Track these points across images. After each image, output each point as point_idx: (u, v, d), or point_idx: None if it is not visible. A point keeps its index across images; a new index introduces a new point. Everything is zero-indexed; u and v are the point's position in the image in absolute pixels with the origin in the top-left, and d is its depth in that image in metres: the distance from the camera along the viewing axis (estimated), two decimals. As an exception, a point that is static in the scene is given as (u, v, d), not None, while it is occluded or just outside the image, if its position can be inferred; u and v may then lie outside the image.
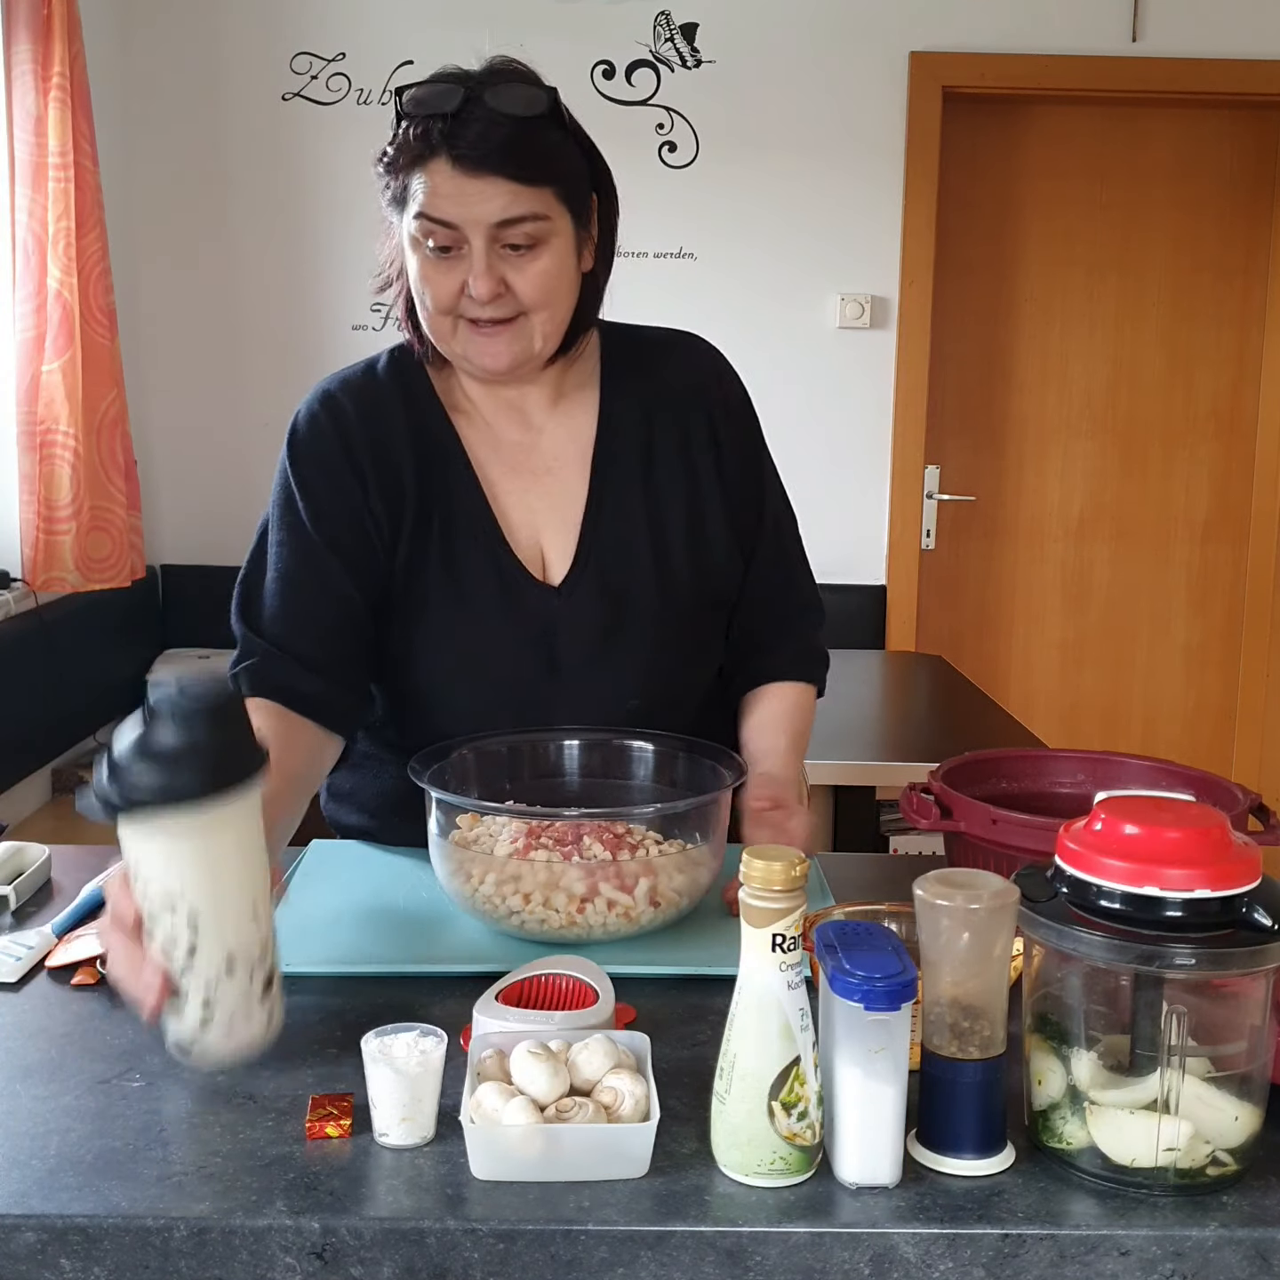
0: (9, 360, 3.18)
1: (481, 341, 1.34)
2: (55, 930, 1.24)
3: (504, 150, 1.27)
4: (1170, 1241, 0.84)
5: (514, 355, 1.35)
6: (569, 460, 1.45)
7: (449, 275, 1.31)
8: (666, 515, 1.44)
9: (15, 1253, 0.84)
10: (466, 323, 1.33)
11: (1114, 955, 0.86)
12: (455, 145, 1.27)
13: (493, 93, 1.29)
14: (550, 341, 1.37)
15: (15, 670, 3.13)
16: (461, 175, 1.27)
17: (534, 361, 1.38)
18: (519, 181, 1.28)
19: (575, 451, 1.45)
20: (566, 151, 1.34)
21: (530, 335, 1.34)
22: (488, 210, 1.28)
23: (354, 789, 1.55)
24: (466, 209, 1.28)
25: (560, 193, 1.31)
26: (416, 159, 1.31)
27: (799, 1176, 0.88)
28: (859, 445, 4.01)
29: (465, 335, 1.34)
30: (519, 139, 1.28)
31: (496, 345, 1.34)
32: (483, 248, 1.29)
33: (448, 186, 1.28)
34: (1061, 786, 1.42)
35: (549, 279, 1.32)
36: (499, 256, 1.30)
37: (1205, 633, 4.29)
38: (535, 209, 1.29)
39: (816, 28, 3.85)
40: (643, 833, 1.26)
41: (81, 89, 3.22)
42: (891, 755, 2.56)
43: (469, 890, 1.22)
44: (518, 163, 1.28)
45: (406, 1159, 0.90)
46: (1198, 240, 4.11)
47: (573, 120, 1.35)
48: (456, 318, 1.33)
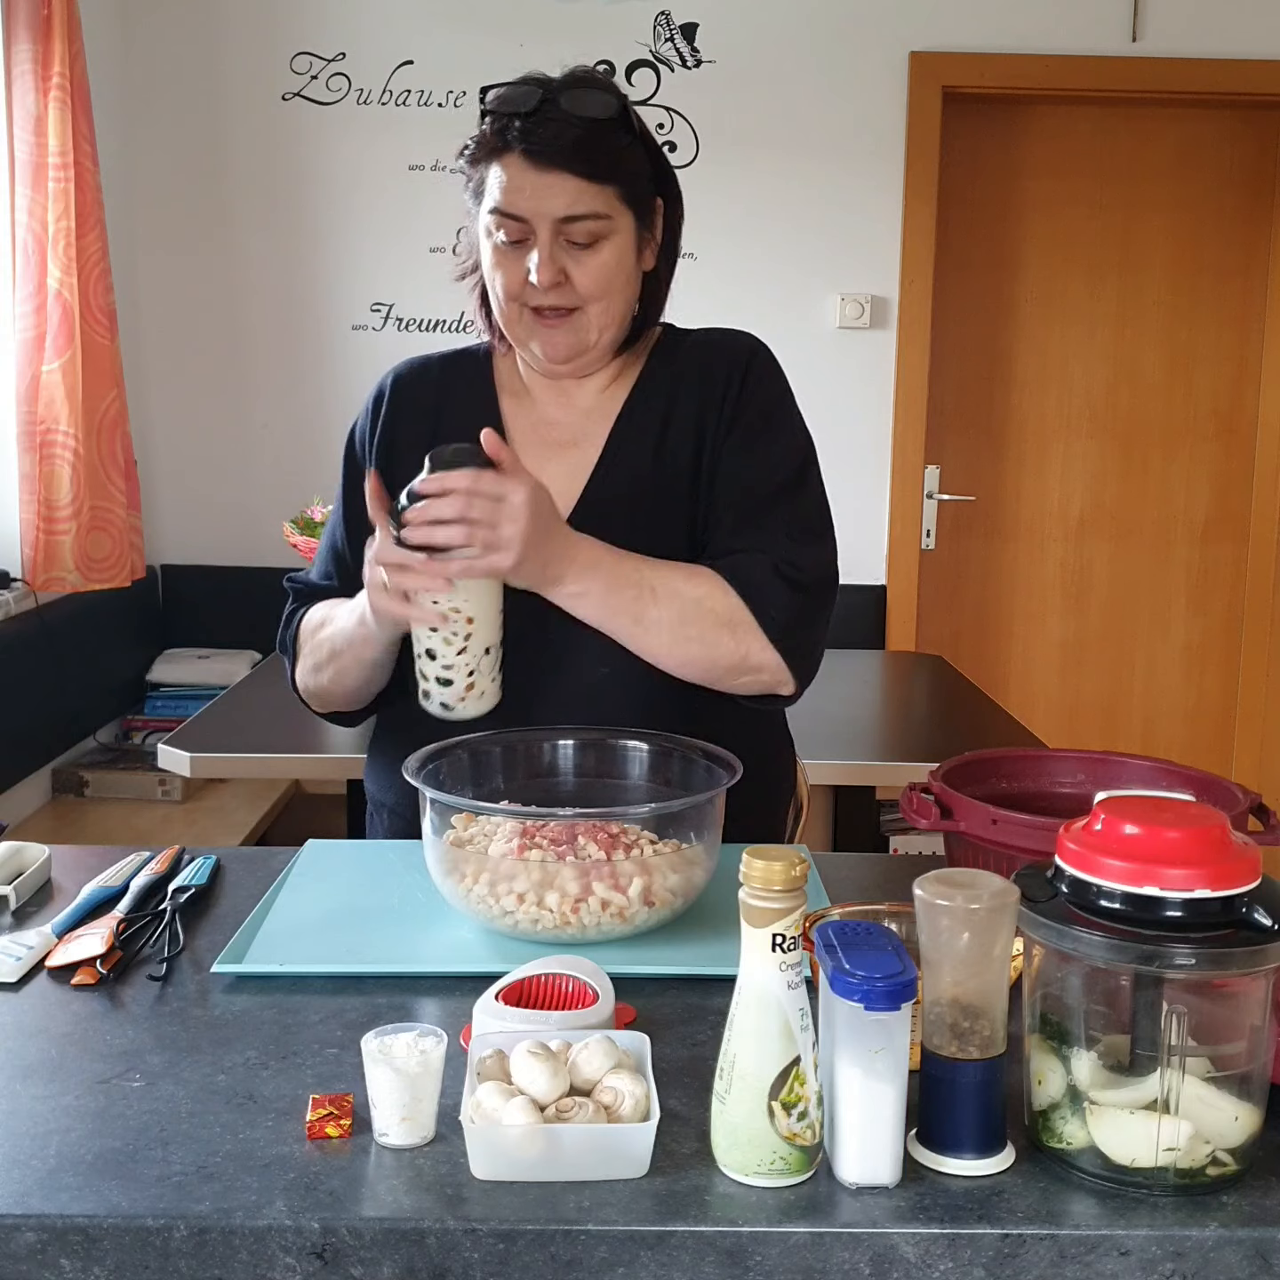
0: (9, 360, 3.18)
1: (543, 331, 1.45)
2: (55, 930, 1.24)
3: (573, 149, 1.38)
4: (1170, 1241, 0.84)
5: (570, 346, 1.46)
6: (590, 438, 1.52)
7: (517, 264, 1.42)
8: (668, 493, 1.49)
9: (15, 1253, 0.84)
10: (530, 311, 1.44)
11: (1114, 955, 0.86)
12: (528, 142, 1.38)
13: (568, 96, 1.39)
14: (606, 334, 1.47)
15: (15, 670, 3.14)
16: (532, 169, 1.39)
17: (590, 353, 1.48)
18: (585, 178, 1.39)
19: (599, 431, 1.52)
20: (633, 154, 1.45)
21: (587, 328, 1.45)
22: (554, 205, 1.39)
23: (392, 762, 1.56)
24: (535, 202, 1.39)
25: (623, 193, 1.42)
26: (492, 153, 1.42)
27: (799, 1176, 0.88)
28: (859, 445, 4.01)
29: (529, 323, 1.45)
30: (587, 139, 1.39)
31: (555, 336, 1.45)
32: (547, 239, 1.39)
33: (519, 180, 1.39)
34: (1061, 786, 1.42)
35: (606, 272, 1.42)
36: (561, 249, 1.40)
37: (1205, 632, 4.29)
38: (598, 208, 1.40)
39: (816, 28, 3.85)
40: (637, 832, 1.26)
41: (81, 89, 3.23)
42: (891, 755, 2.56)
43: (463, 890, 1.22)
44: (585, 161, 1.38)
45: (406, 1159, 0.90)
46: (1198, 240, 4.11)
47: (642, 125, 1.46)
48: (522, 305, 1.44)
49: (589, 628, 1.43)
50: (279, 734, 2.57)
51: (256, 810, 3.33)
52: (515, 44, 3.77)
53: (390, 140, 3.86)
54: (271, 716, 2.70)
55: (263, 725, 2.63)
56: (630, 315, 1.51)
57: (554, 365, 1.48)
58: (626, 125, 1.43)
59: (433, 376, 1.59)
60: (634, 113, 1.44)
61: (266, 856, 1.46)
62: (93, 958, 1.17)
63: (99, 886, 1.32)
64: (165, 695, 3.72)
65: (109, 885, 1.33)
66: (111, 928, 1.22)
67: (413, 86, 3.84)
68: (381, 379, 1.61)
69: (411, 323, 3.89)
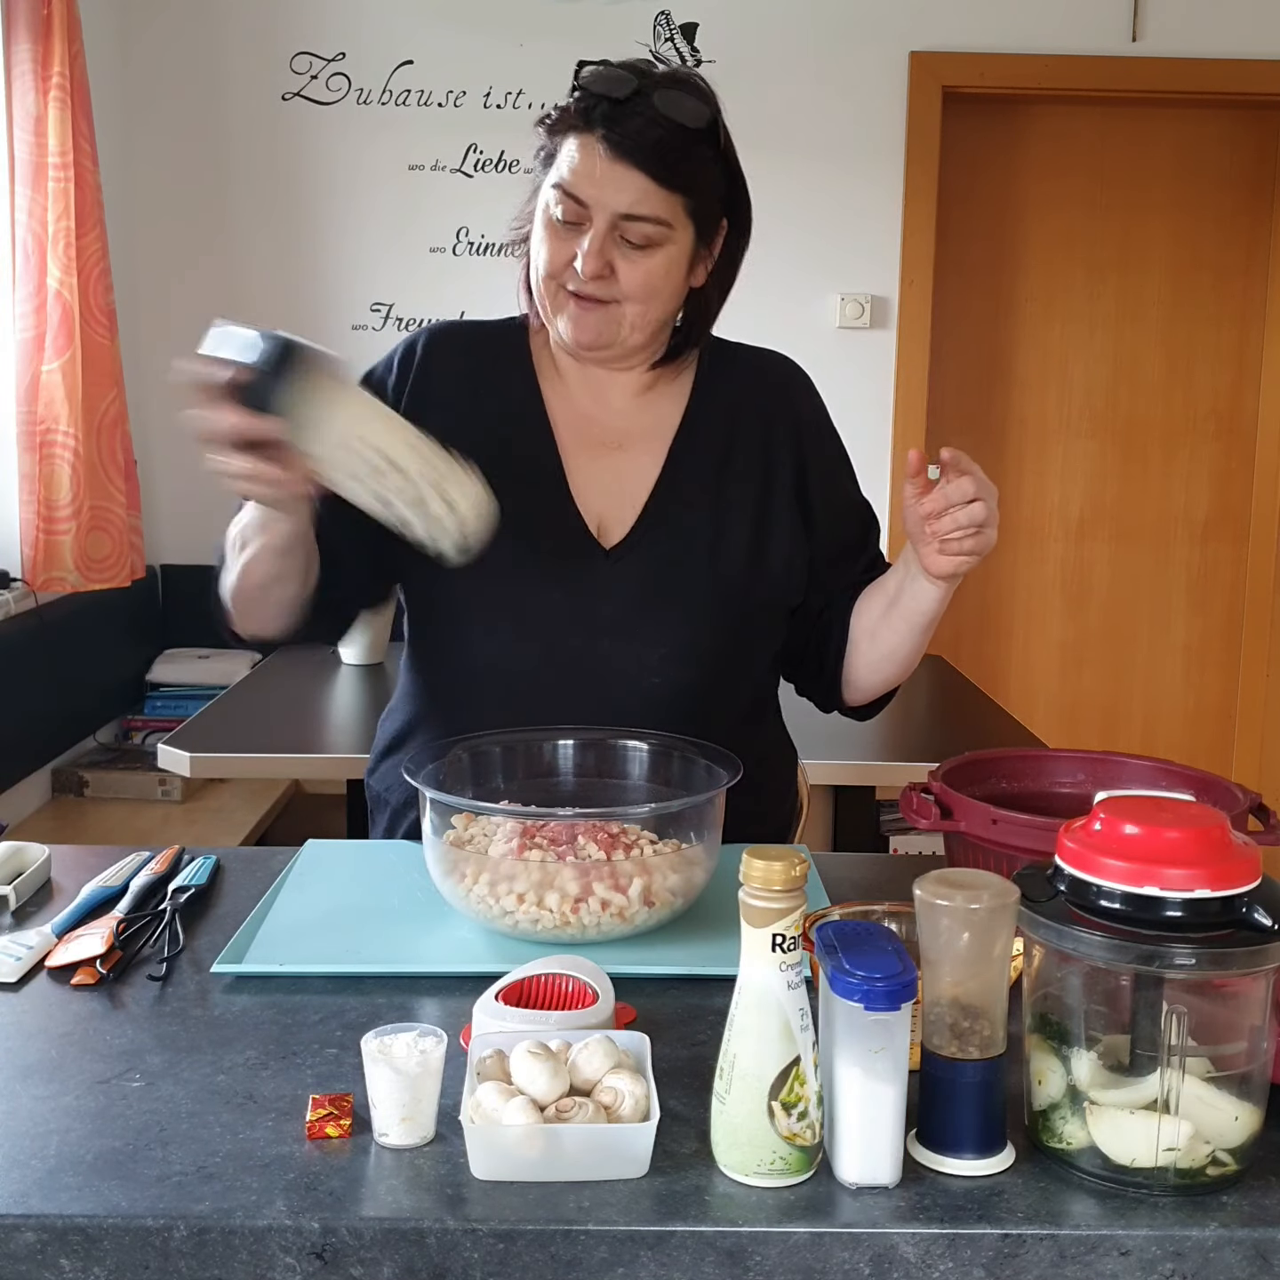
0: (9, 360, 3.18)
1: (575, 313, 1.42)
2: (55, 930, 1.24)
3: (652, 148, 1.35)
4: (1170, 1241, 0.84)
5: (598, 333, 1.43)
6: (643, 443, 1.52)
7: (565, 244, 1.39)
8: (731, 515, 1.50)
9: (15, 1253, 0.84)
10: (567, 292, 1.42)
11: (1114, 955, 0.86)
12: (608, 128, 1.35)
13: (662, 94, 1.37)
14: (637, 334, 1.44)
15: (15, 670, 3.14)
16: (605, 157, 1.36)
17: (618, 348, 1.45)
18: (654, 180, 1.36)
19: (653, 436, 1.52)
20: (711, 170, 1.42)
21: (619, 322, 1.42)
22: (618, 199, 1.36)
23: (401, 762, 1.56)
24: (599, 190, 1.36)
25: (690, 205, 1.39)
26: (572, 128, 1.38)
27: (799, 1176, 0.88)
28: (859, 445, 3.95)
29: (563, 302, 1.43)
30: (668, 142, 1.36)
31: (586, 319, 1.42)
32: (602, 230, 1.37)
33: (589, 163, 1.36)
34: (1061, 786, 1.42)
35: (652, 277, 1.40)
36: (614, 243, 1.38)
37: (1205, 633, 4.29)
38: (660, 213, 1.37)
39: (816, 28, 3.85)
40: (637, 832, 1.26)
41: (81, 89, 3.23)
42: (891, 755, 2.55)
43: (463, 890, 1.22)
44: (660, 163, 1.36)
45: (406, 1159, 0.90)
46: (1198, 240, 4.11)
47: (728, 144, 1.43)
48: (560, 284, 1.42)
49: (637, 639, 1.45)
50: (279, 734, 2.57)
51: (256, 810, 3.33)
52: (515, 44, 3.77)
53: (390, 140, 3.86)
54: (271, 716, 2.70)
55: (263, 725, 2.63)
56: (669, 327, 1.49)
57: (578, 348, 1.46)
58: (713, 139, 1.41)
59: (469, 342, 1.56)
60: (724, 129, 1.42)
61: (266, 856, 1.46)
62: (93, 958, 1.17)
63: (99, 886, 1.32)
64: (165, 695, 3.72)
65: (109, 885, 1.33)
66: (111, 928, 1.22)
67: (413, 86, 3.84)
68: (412, 335, 1.56)
69: (411, 323, 3.88)
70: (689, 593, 1.47)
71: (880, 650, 1.51)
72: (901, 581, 1.44)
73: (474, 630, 1.48)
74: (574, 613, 1.45)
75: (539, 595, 1.46)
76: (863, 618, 1.52)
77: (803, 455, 1.55)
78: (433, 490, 1.21)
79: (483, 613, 1.47)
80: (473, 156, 3.84)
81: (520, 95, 3.81)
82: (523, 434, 1.50)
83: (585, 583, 1.46)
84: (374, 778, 1.63)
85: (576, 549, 1.46)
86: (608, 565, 1.46)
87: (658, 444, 1.51)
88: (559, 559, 1.46)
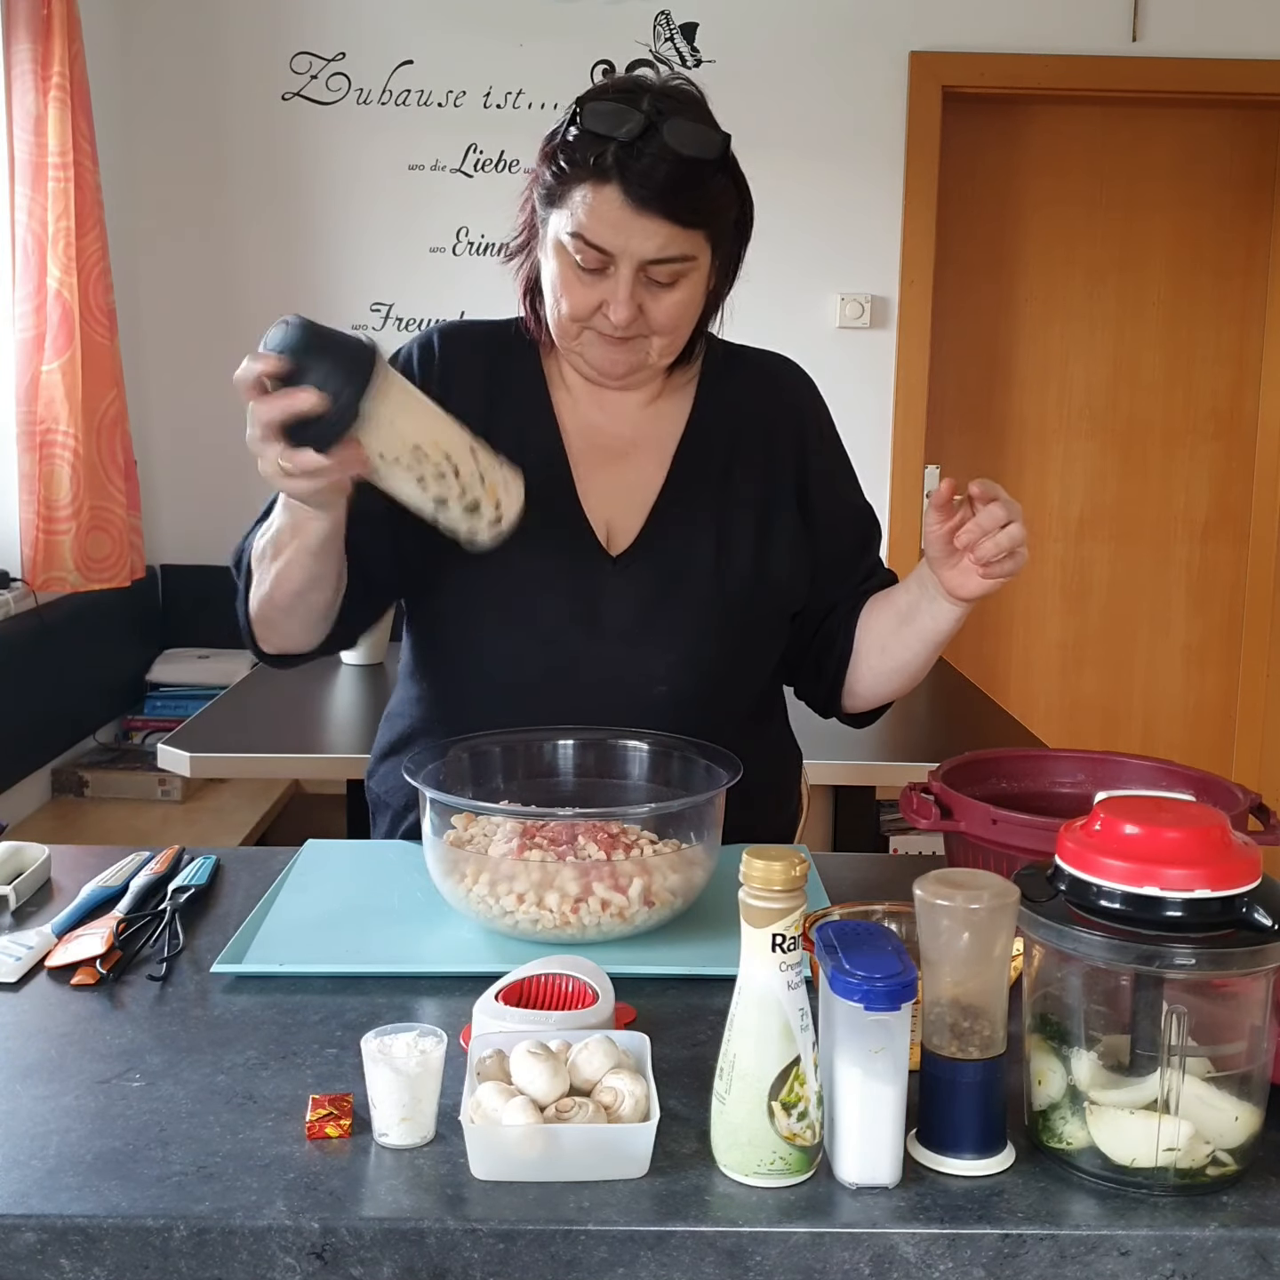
0: (9, 360, 3.18)
1: (604, 349, 1.41)
2: (55, 930, 1.24)
3: (672, 191, 1.32)
4: (1170, 1241, 0.84)
5: (630, 365, 1.43)
6: (649, 450, 1.51)
7: (590, 290, 1.37)
8: (735, 521, 1.49)
9: (15, 1253, 0.84)
10: (595, 333, 1.40)
11: (1114, 955, 0.86)
12: (627, 177, 1.31)
13: (671, 127, 1.32)
14: (665, 358, 1.45)
15: (15, 670, 3.14)
16: (627, 207, 1.32)
17: (647, 373, 1.46)
18: (679, 224, 1.33)
19: (658, 444, 1.51)
20: (726, 197, 1.40)
21: (648, 351, 1.42)
22: (645, 248, 1.34)
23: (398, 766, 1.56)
24: (624, 240, 1.33)
25: (711, 235, 1.38)
26: (584, 177, 1.34)
27: (799, 1176, 0.88)
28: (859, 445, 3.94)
29: (590, 340, 1.41)
30: (688, 181, 1.33)
31: (616, 354, 1.41)
32: (629, 277, 1.35)
33: (613, 215, 1.33)
34: (1061, 786, 1.42)
35: (682, 309, 1.40)
36: (640, 284, 1.36)
37: (1205, 632, 4.28)
38: (686, 251, 1.36)
39: (816, 28, 3.85)
40: (637, 832, 1.26)
41: (81, 89, 3.23)
42: (891, 755, 2.55)
43: (463, 890, 1.22)
44: (683, 205, 1.33)
45: (406, 1159, 0.90)
46: (1198, 240, 4.11)
47: (734, 161, 1.40)
48: (585, 327, 1.40)
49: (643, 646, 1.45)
50: (279, 734, 2.57)
51: (256, 810, 3.33)
52: (515, 44, 3.77)
53: (390, 140, 3.86)
54: (271, 716, 2.70)
55: (263, 725, 2.63)
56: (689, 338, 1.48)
57: (607, 380, 1.45)
58: (724, 164, 1.38)
59: (483, 343, 1.54)
60: (731, 150, 1.39)
61: (266, 856, 1.46)
62: (92, 958, 1.17)
63: (99, 886, 1.32)
64: (165, 695, 3.72)
65: (109, 885, 1.33)
66: (111, 928, 1.22)
67: (413, 86, 3.84)
68: (425, 335, 1.54)
69: (411, 323, 3.89)
70: (694, 599, 1.47)
71: (891, 664, 1.51)
72: (917, 601, 1.45)
73: (481, 637, 1.47)
74: (581, 620, 1.45)
75: (547, 603, 1.45)
76: (872, 632, 1.52)
77: (805, 459, 1.55)
78: (488, 496, 1.24)
79: (490, 619, 1.46)
80: (473, 156, 3.84)
81: (520, 95, 3.81)
82: (535, 440, 1.49)
83: (593, 590, 1.45)
84: (374, 780, 1.62)
85: (584, 556, 1.46)
86: (615, 573, 1.46)
87: (663, 451, 1.51)
88: (567, 566, 1.45)
